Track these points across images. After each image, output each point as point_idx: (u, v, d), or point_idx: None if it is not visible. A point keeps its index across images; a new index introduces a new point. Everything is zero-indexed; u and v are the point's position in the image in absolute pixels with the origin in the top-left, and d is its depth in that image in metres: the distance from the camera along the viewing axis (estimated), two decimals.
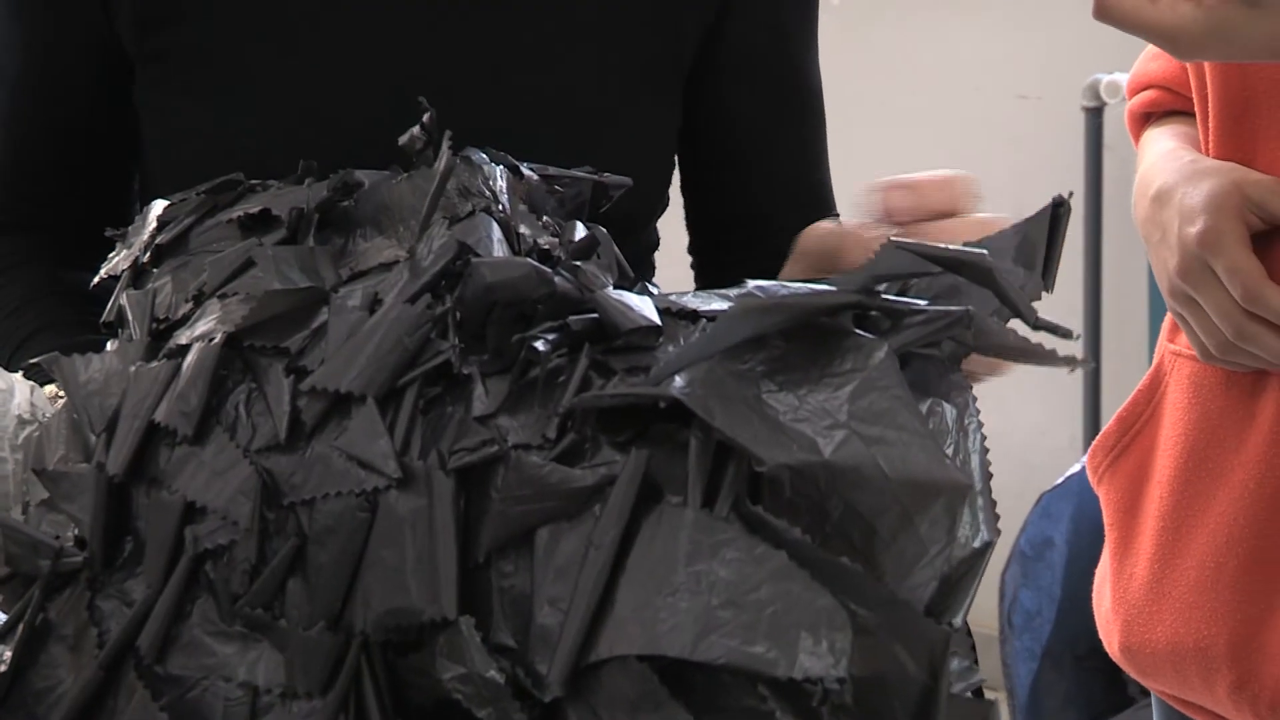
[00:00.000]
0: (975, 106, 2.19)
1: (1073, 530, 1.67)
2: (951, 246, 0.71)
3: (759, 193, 1.13)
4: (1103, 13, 1.01)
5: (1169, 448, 1.17)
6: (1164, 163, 1.16)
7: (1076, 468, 1.51)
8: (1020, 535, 1.78)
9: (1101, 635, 1.26)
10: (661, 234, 1.14)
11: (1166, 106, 1.23)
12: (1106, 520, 1.25)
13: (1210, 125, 1.14)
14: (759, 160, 1.13)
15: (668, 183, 1.11)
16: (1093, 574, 1.29)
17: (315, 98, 0.98)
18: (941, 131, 2.20)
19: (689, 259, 1.18)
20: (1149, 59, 1.26)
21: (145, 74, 1.00)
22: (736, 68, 1.09)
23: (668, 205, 1.13)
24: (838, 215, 1.13)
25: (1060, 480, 1.73)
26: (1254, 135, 1.11)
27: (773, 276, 1.01)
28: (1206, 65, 1.14)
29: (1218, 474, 1.14)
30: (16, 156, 1.06)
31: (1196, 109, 1.17)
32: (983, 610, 1.82)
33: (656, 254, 1.15)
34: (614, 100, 1.04)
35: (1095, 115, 1.97)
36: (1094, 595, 1.27)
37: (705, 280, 1.17)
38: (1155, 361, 1.22)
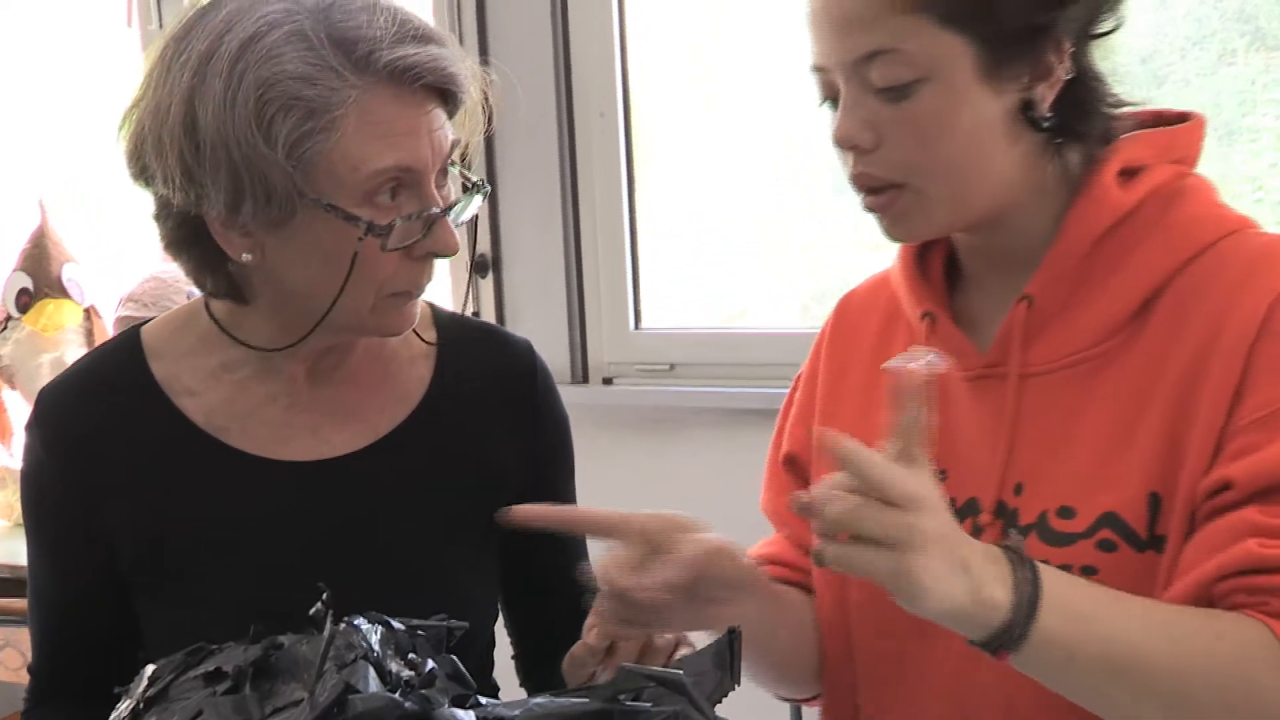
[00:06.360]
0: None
1: None
2: (661, 670, 0.82)
3: (555, 600, 1.14)
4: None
5: None
6: None
7: None
8: None
9: None
10: None
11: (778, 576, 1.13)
12: None
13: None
14: (553, 579, 1.13)
15: (495, 609, 1.14)
16: None
17: (252, 592, 1.02)
18: None
19: None
20: (762, 546, 1.17)
21: (139, 590, 1.05)
22: (533, 531, 1.06)
23: (496, 618, 1.16)
24: None
25: None
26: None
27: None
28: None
29: None
30: (54, 650, 1.09)
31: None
32: None
33: None
34: (453, 558, 1.08)
35: None
36: None
37: (527, 664, 1.20)
38: None
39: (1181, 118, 0.99)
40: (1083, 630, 0.83)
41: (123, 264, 2.78)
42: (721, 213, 2.40)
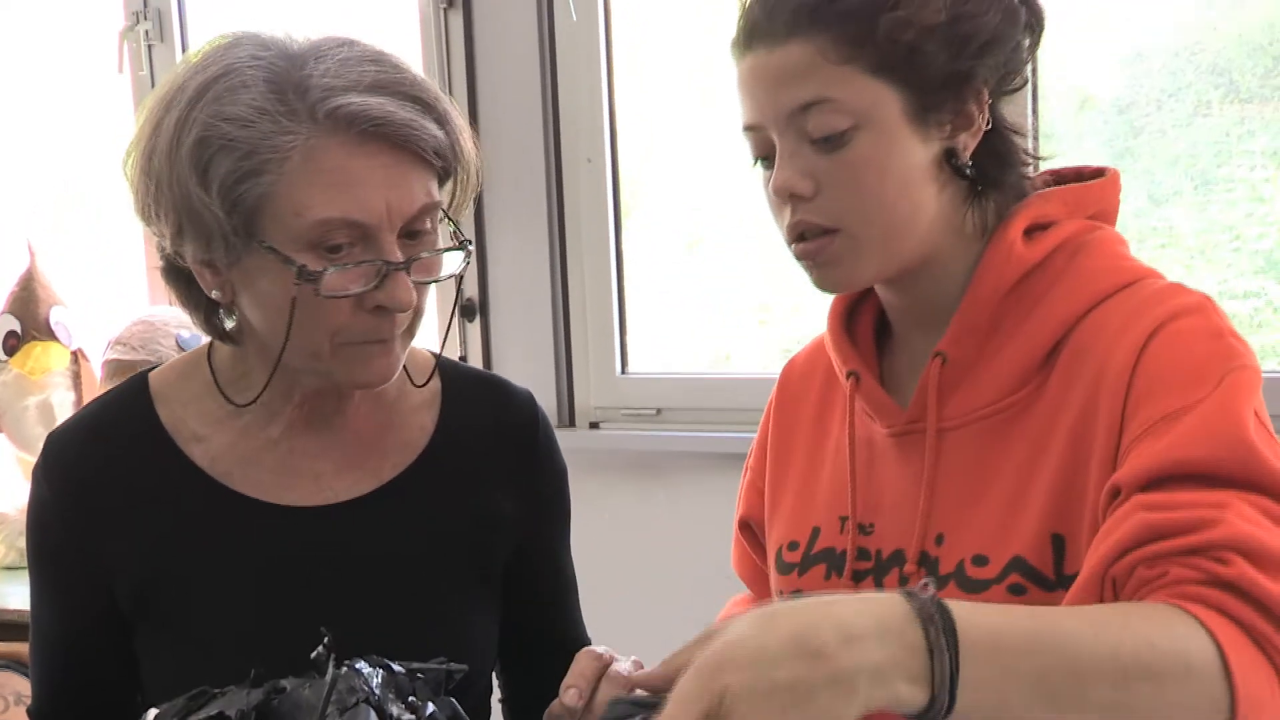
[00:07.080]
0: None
1: None
2: (656, 698, 0.82)
3: (546, 646, 1.16)
4: None
5: None
6: None
7: None
8: None
9: None
10: None
11: None
12: None
13: None
14: (545, 624, 1.17)
15: (494, 653, 1.15)
16: None
17: (254, 635, 1.02)
18: (655, 598, 2.19)
19: None
20: (731, 605, 1.20)
21: (139, 628, 1.05)
22: (528, 577, 1.15)
23: (495, 662, 1.17)
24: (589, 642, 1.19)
25: None
26: None
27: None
28: None
29: None
30: (55, 691, 1.09)
31: None
32: None
33: None
34: (453, 603, 1.08)
35: None
36: None
37: (514, 709, 1.21)
38: None
39: (1098, 173, 1.04)
40: (1006, 643, 0.73)
41: (111, 307, 2.79)
42: (707, 258, 2.43)
